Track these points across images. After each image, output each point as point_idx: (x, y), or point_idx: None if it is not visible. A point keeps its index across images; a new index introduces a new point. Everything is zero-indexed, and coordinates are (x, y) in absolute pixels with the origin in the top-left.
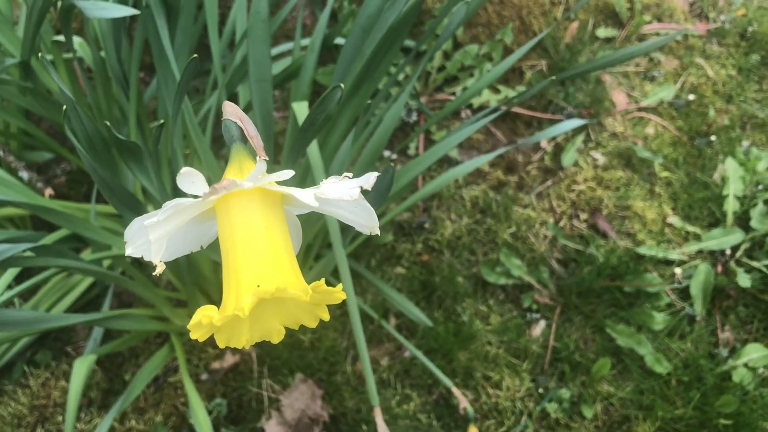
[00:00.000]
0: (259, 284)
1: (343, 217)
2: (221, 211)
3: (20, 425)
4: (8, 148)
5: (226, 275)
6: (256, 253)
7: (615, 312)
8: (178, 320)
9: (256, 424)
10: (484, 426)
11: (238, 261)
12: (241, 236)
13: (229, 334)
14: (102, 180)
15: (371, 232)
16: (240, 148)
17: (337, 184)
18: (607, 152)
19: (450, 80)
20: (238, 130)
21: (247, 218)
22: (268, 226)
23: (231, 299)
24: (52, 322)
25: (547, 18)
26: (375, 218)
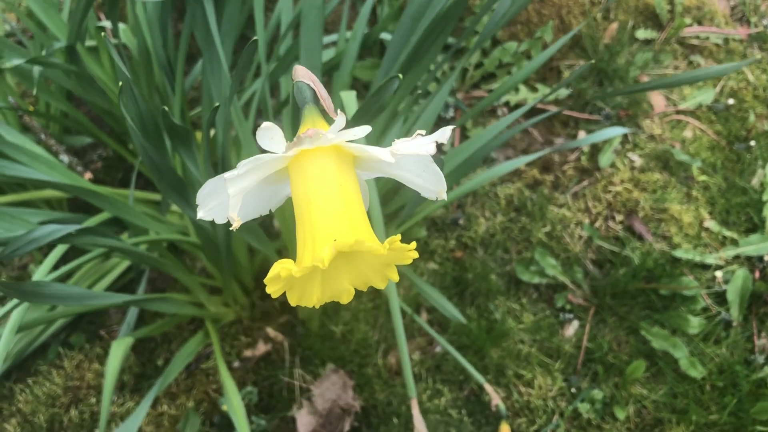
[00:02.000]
0: (336, 238)
1: (411, 182)
2: (296, 170)
3: (54, 405)
4: (49, 131)
5: (301, 232)
6: (331, 209)
7: (650, 314)
8: (212, 307)
9: (287, 413)
10: (515, 424)
11: (313, 217)
12: (316, 193)
13: (302, 291)
14: (151, 161)
15: (438, 197)
16: (313, 108)
17: (412, 141)
18: (644, 154)
19: (487, 77)
20: (310, 92)
21: (323, 175)
22: (342, 184)
23: (307, 253)
24: (99, 300)
25: (587, 18)
26: (443, 182)
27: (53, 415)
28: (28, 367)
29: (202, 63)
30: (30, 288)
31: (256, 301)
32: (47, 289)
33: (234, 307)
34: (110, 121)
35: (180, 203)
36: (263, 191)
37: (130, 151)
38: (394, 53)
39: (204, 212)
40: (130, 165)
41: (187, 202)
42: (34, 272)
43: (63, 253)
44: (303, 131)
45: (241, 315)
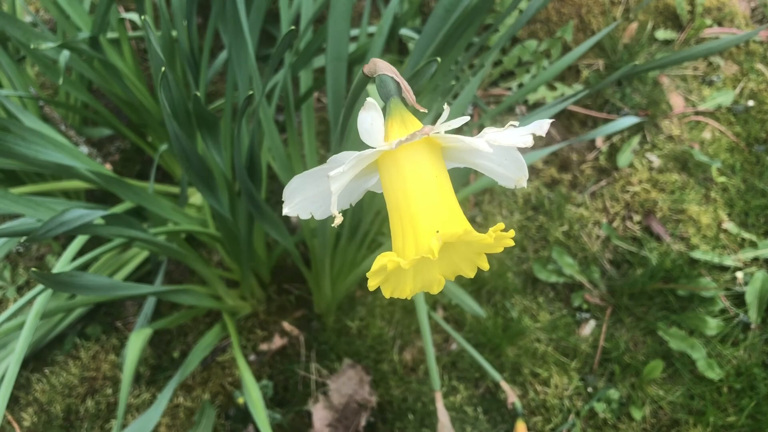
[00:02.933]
0: (438, 230)
1: (490, 170)
2: (387, 164)
3: (70, 395)
4: (69, 122)
5: (398, 224)
6: (430, 200)
7: (667, 315)
8: (230, 299)
9: (303, 407)
10: (531, 422)
11: (412, 209)
12: (413, 185)
13: (396, 283)
14: (182, 149)
15: (516, 185)
16: (399, 102)
17: (508, 132)
18: (662, 155)
19: (506, 75)
20: (394, 84)
21: (418, 167)
22: (438, 175)
23: (409, 245)
24: (125, 290)
25: (607, 18)
26: (525, 169)
27: (69, 404)
28: (45, 357)
29: (228, 55)
30: (62, 278)
31: (272, 295)
32: (77, 279)
33: (251, 301)
34: (129, 112)
35: (206, 193)
36: (348, 186)
37: (148, 143)
38: (425, 43)
39: (289, 208)
40: (147, 158)
41: (212, 192)
42: (51, 262)
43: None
44: (393, 125)
45: (258, 308)
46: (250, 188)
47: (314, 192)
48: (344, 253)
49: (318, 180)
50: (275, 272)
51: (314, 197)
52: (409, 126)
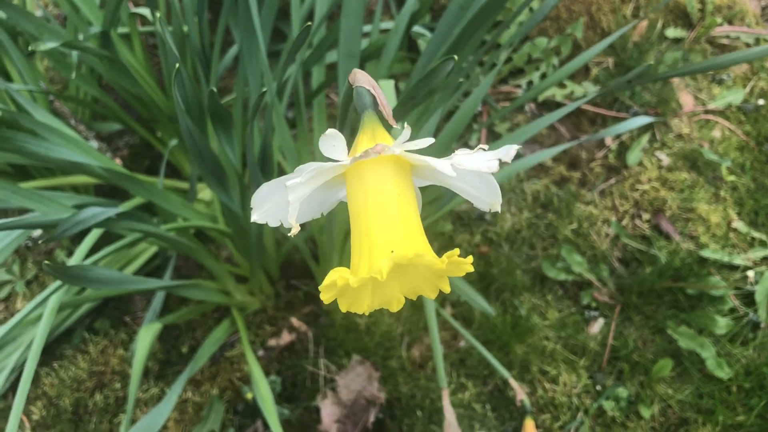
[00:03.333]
0: (393, 250)
1: (464, 191)
2: (353, 177)
3: (79, 389)
4: (79, 117)
5: (357, 240)
6: (389, 219)
7: (676, 314)
8: (239, 295)
9: (311, 402)
10: (539, 420)
11: (371, 226)
12: (374, 202)
13: (353, 299)
14: (195, 144)
15: (491, 209)
16: (372, 115)
17: (474, 155)
18: (672, 153)
19: (515, 72)
20: (370, 98)
21: (381, 185)
22: (400, 194)
23: (363, 263)
24: (137, 284)
25: (617, 16)
26: (499, 194)
27: (78, 398)
28: (54, 351)
29: (239, 51)
30: (75, 271)
31: (281, 291)
32: (89, 272)
33: (259, 296)
34: (139, 107)
35: (217, 189)
36: (317, 196)
37: (158, 138)
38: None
39: (258, 215)
40: (156, 153)
41: (224, 189)
42: (60, 257)
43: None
44: (360, 140)
45: (266, 304)
46: (261, 184)
47: (282, 199)
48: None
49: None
50: (283, 268)
51: (283, 204)
52: (378, 140)
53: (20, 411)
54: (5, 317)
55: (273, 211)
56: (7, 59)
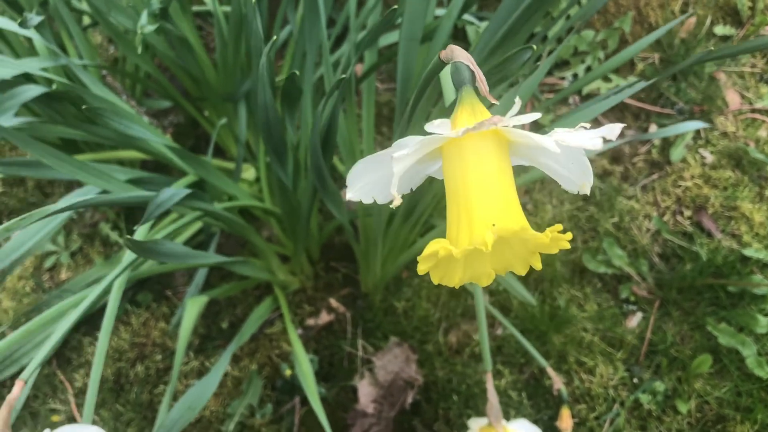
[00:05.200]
0: (495, 223)
1: (555, 171)
2: (452, 151)
3: (121, 359)
4: (131, 93)
5: (455, 212)
6: (490, 192)
7: (716, 311)
8: (281, 274)
9: (348, 382)
10: (575, 410)
11: (471, 199)
12: (475, 175)
13: (445, 271)
14: (267, 119)
15: (580, 190)
16: (471, 90)
17: (578, 133)
18: (716, 151)
19: (560, 64)
20: (469, 73)
21: (482, 158)
22: (501, 168)
23: (463, 234)
24: (199, 259)
25: (665, 11)
26: (590, 176)
27: (119, 368)
28: (96, 322)
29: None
30: (149, 246)
31: (320, 272)
32: (160, 247)
33: (300, 276)
34: (190, 85)
35: (277, 165)
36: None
37: (205, 118)
38: (495, 27)
39: (353, 193)
40: (201, 132)
41: (282, 165)
42: (105, 230)
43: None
44: (460, 115)
45: (306, 284)
46: (320, 163)
47: (377, 176)
48: (397, 234)
49: (381, 164)
50: (324, 250)
51: (377, 181)
52: (478, 115)
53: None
54: (50, 287)
55: (366, 188)
56: (65, 34)
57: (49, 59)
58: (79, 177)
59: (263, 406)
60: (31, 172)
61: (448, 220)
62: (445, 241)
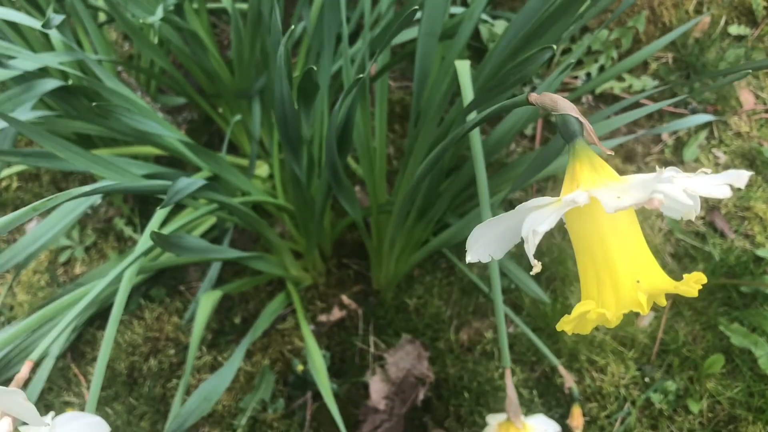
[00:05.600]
0: (639, 279)
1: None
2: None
3: (134, 353)
4: (146, 89)
5: (593, 272)
6: (628, 249)
7: (728, 311)
8: (294, 270)
9: (359, 378)
10: (586, 408)
11: (610, 258)
12: (610, 234)
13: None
14: (284, 113)
15: (684, 218)
16: (585, 144)
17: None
18: (729, 151)
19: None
20: (578, 125)
21: (615, 216)
22: (632, 221)
23: (607, 294)
24: (217, 253)
25: (679, 10)
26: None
27: (133, 362)
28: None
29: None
30: (170, 239)
31: (332, 269)
32: (183, 241)
33: (312, 273)
34: (205, 82)
35: (293, 160)
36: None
37: (219, 114)
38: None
39: (472, 255)
40: (215, 129)
41: (297, 160)
42: (119, 225)
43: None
44: (580, 172)
45: (318, 281)
46: (335, 159)
47: (494, 234)
48: (411, 232)
49: (499, 224)
50: (336, 246)
51: (493, 239)
52: (599, 170)
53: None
54: (64, 281)
55: (483, 248)
56: (81, 30)
57: (65, 54)
58: (95, 170)
59: (275, 400)
60: (49, 164)
61: (582, 279)
62: (592, 303)
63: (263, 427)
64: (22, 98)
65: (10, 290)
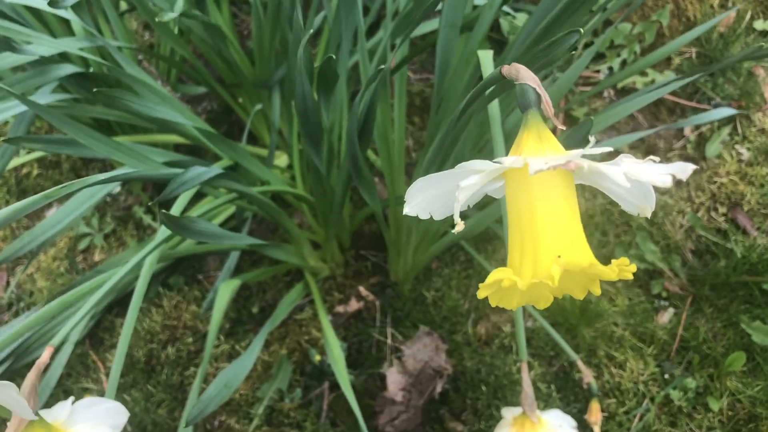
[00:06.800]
0: (560, 255)
1: (616, 195)
2: (517, 178)
3: (152, 341)
4: (166, 78)
5: (519, 240)
6: (556, 223)
7: (750, 309)
8: (312, 260)
9: (376, 370)
10: (604, 404)
11: (537, 229)
12: (541, 205)
13: (504, 296)
14: (305, 104)
15: (640, 213)
16: (537, 115)
17: (647, 167)
18: (753, 147)
19: (595, 57)
20: (535, 96)
21: (549, 189)
22: (567, 197)
23: (527, 265)
24: (234, 240)
25: (703, 4)
26: (652, 200)
27: (151, 350)
28: (129, 303)
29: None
30: (184, 222)
31: (350, 260)
32: (197, 225)
33: (330, 264)
34: (225, 72)
35: (312, 151)
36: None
37: (239, 104)
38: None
39: (410, 208)
40: (234, 119)
41: (317, 151)
42: (138, 213)
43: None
44: (525, 141)
45: (335, 272)
46: (356, 150)
47: (436, 193)
48: (429, 224)
49: (440, 182)
50: (354, 238)
51: (434, 198)
52: (545, 142)
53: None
54: (83, 268)
55: (423, 204)
56: (102, 19)
57: (86, 40)
58: (117, 157)
59: (292, 390)
60: (71, 150)
61: (510, 246)
62: (508, 271)
63: (280, 417)
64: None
65: (30, 276)
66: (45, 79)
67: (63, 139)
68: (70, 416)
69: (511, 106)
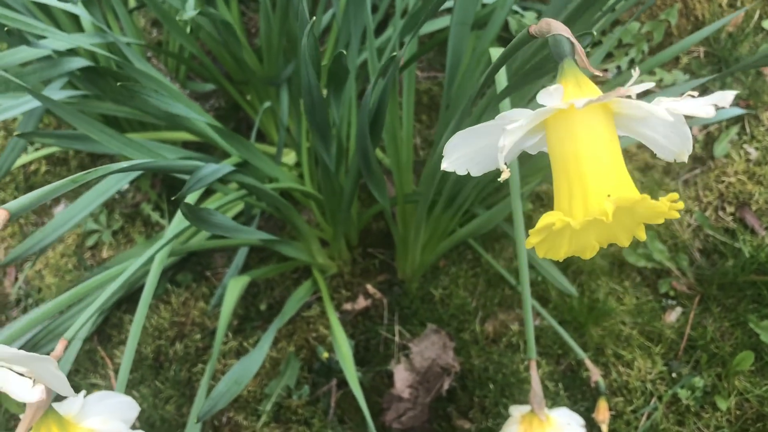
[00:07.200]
0: (610, 194)
1: (653, 141)
2: (559, 123)
3: (160, 338)
4: (175, 75)
5: (566, 186)
6: (603, 163)
7: (758, 308)
8: (320, 258)
9: (384, 367)
10: (612, 402)
11: (583, 171)
12: (586, 147)
13: (552, 244)
14: (312, 101)
15: (677, 159)
16: (573, 63)
17: (688, 101)
18: (762, 147)
19: (603, 56)
20: (569, 45)
21: (592, 130)
22: (611, 139)
23: (577, 207)
24: (248, 234)
25: (712, 4)
26: (689, 144)
27: (159, 346)
28: (137, 300)
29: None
30: (202, 214)
31: (357, 258)
32: (214, 218)
33: (337, 261)
34: (233, 69)
35: (321, 147)
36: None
37: (247, 101)
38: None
39: (448, 163)
40: (242, 116)
41: (326, 147)
42: (147, 210)
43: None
44: (567, 86)
45: (343, 269)
46: (366, 145)
47: (474, 149)
48: (438, 221)
49: (479, 137)
50: (362, 236)
51: (472, 154)
52: (584, 88)
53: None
54: (92, 264)
55: (461, 160)
56: (111, 16)
57: (96, 36)
58: (128, 153)
59: (300, 387)
60: (82, 146)
61: (556, 192)
62: (559, 213)
63: (288, 414)
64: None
65: (38, 273)
66: (56, 71)
67: (75, 134)
68: (82, 409)
69: (521, 104)
